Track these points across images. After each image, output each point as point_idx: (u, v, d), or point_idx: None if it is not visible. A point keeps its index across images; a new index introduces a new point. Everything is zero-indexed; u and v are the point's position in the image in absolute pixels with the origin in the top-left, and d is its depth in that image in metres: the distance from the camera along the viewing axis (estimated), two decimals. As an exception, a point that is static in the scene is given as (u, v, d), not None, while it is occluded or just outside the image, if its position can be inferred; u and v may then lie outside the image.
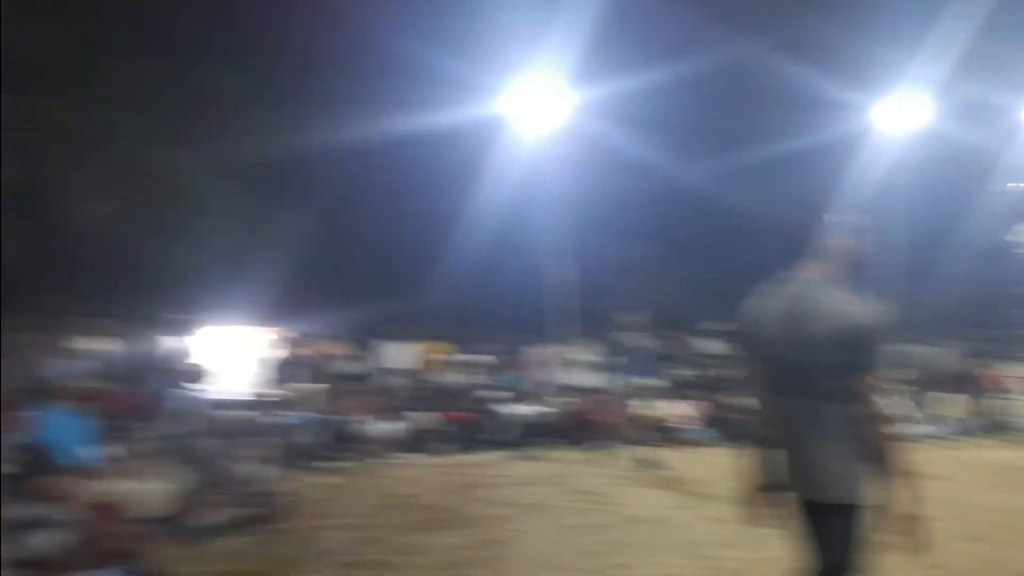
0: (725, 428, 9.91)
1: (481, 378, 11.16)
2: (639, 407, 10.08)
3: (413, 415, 9.09)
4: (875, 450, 2.28)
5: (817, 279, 2.38)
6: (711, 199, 15.44)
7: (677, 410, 10.41)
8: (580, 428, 9.63)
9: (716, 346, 12.63)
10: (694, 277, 16.15)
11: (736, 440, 10.16)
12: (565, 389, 10.80)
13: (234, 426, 6.82)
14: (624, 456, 8.50)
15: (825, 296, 2.32)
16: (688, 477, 7.43)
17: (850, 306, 2.29)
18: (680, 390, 11.06)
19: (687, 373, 12.03)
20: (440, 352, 11.93)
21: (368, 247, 14.44)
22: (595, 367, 11.54)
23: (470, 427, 9.38)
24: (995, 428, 11.40)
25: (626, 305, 11.63)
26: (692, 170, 14.60)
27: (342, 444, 8.17)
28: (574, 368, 11.51)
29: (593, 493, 6.77)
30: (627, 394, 10.36)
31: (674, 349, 12.59)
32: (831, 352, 2.26)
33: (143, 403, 7.23)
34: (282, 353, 10.68)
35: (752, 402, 2.53)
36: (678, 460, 8.33)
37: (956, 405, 11.66)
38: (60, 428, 5.14)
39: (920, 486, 2.27)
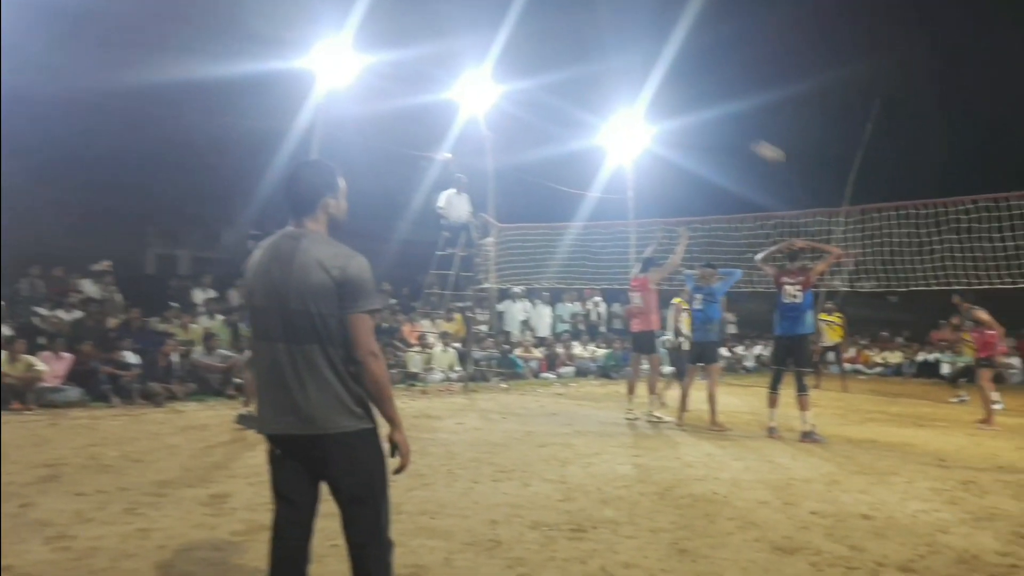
0: (94, 385, 9.23)
1: None
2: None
3: None
4: (370, 388, 2.70)
5: (304, 232, 2.75)
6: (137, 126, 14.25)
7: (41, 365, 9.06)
8: None
9: (98, 289, 11.42)
10: (88, 210, 14.56)
11: (107, 399, 9.56)
12: None
13: None
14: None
15: (314, 248, 2.70)
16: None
17: (338, 258, 2.68)
18: (48, 340, 9.54)
19: (60, 319, 10.51)
20: None
21: None
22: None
23: None
24: (406, 378, 12.93)
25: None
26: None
27: None
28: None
29: None
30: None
31: (52, 290, 10.84)
32: (320, 299, 2.63)
33: None
34: None
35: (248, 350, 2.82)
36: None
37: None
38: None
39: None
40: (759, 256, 9.27)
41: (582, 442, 7.88)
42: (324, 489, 2.85)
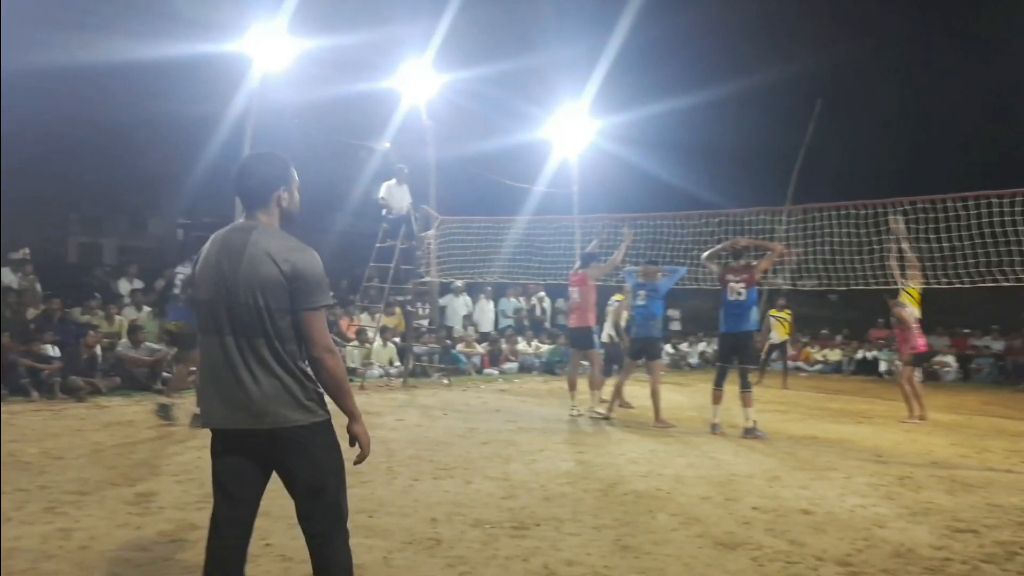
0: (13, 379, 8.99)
1: None
2: None
3: None
4: (327, 384, 2.73)
5: (256, 225, 2.74)
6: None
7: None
8: None
9: (17, 278, 11.02)
10: (6, 195, 14.03)
11: (26, 393, 9.22)
12: None
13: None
14: None
15: (264, 240, 2.68)
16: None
17: (288, 251, 2.67)
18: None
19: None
20: None
21: None
22: None
23: None
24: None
25: None
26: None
27: None
28: None
29: None
30: None
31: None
32: (269, 293, 2.62)
33: None
34: None
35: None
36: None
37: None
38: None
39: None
40: (705, 255, 9.43)
41: (525, 439, 7.89)
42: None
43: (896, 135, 25.56)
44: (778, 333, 15.12)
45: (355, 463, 2.88)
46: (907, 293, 10.28)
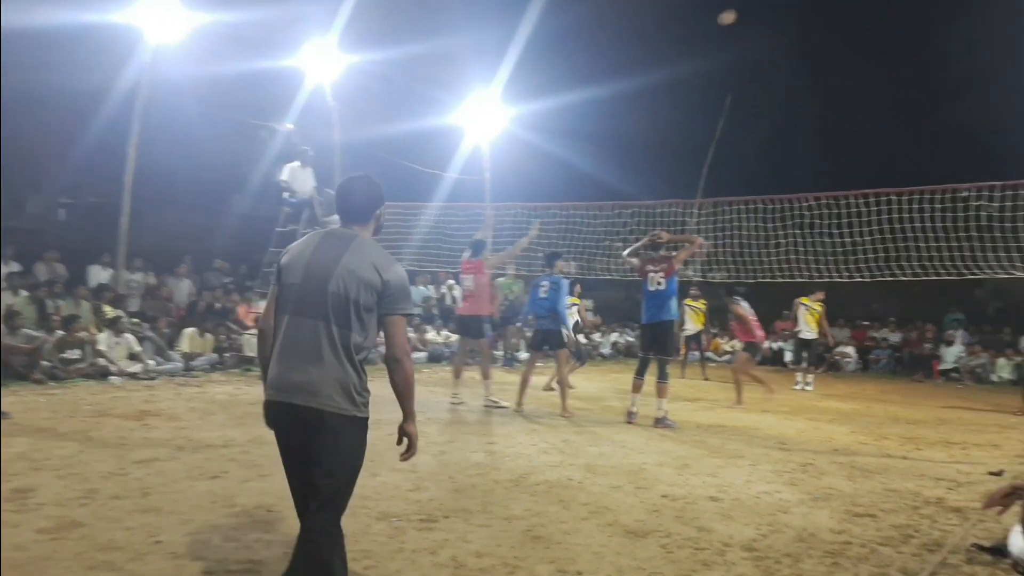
0: None
1: None
2: None
3: None
4: (400, 383, 3.08)
5: (356, 235, 3.14)
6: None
7: None
8: None
9: None
10: None
11: None
12: None
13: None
14: None
15: (368, 248, 3.09)
16: None
17: (388, 262, 3.07)
18: None
19: None
20: None
21: None
22: None
23: None
24: (241, 363, 12.42)
25: None
26: None
27: None
28: None
29: None
30: None
31: None
32: (363, 290, 2.97)
33: None
34: None
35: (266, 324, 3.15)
36: None
37: (203, 341, 12.19)
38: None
39: None
40: (626, 252, 9.64)
41: (434, 430, 7.86)
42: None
43: (802, 133, 26.65)
44: (693, 323, 15.52)
45: (402, 459, 3.22)
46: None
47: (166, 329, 12.19)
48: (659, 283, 8.89)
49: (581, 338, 11.20)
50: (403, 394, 3.11)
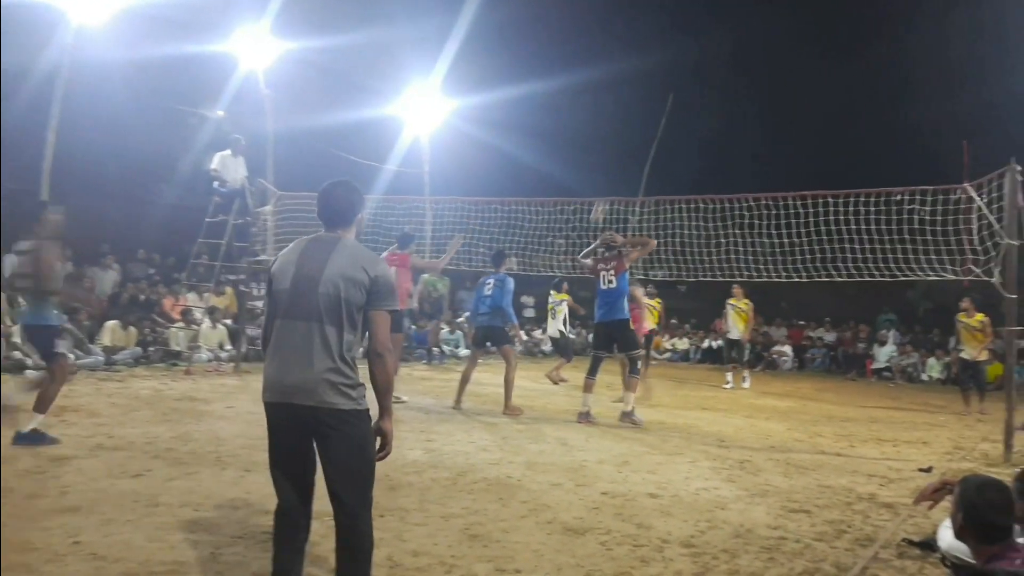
0: None
1: None
2: None
3: None
4: (380, 377, 3.20)
5: (340, 238, 3.31)
6: None
7: None
8: None
9: None
10: None
11: None
12: None
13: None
14: None
15: (355, 250, 3.27)
16: None
17: (374, 262, 3.26)
18: None
19: None
20: None
21: None
22: None
23: None
24: (167, 357, 12.10)
25: None
26: None
27: None
28: None
29: None
30: None
31: None
32: (352, 289, 3.15)
33: None
34: None
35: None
36: None
37: (126, 334, 11.86)
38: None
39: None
40: (581, 255, 9.77)
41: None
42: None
43: (743, 134, 27.19)
44: (648, 321, 15.64)
45: (377, 459, 3.24)
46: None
47: (87, 321, 11.79)
48: (610, 281, 8.99)
49: (572, 334, 11.36)
50: (382, 390, 3.23)
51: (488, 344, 9.89)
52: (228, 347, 13.26)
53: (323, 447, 3.16)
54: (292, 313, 3.18)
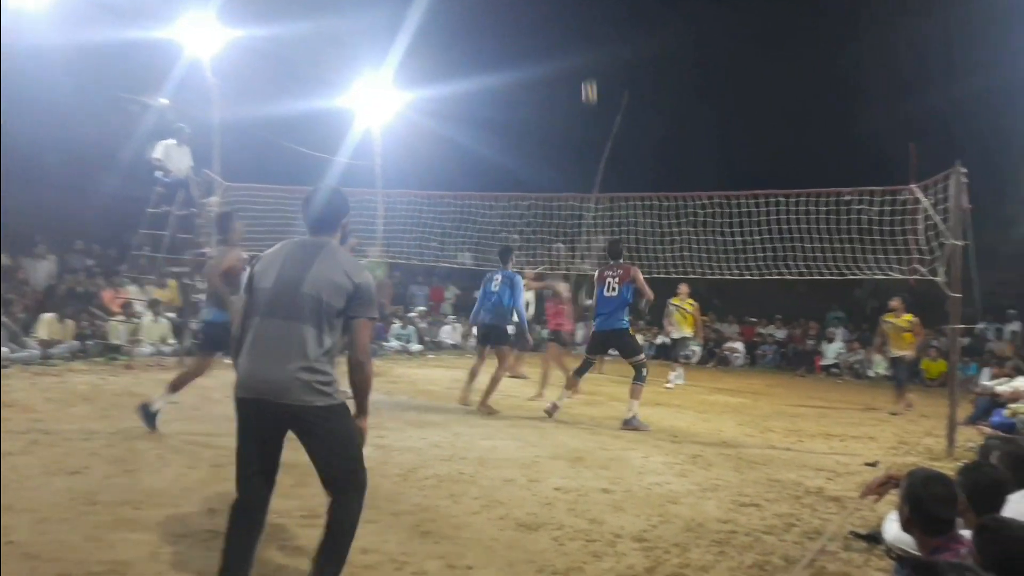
0: None
1: None
2: None
3: None
4: (359, 382, 3.36)
5: (326, 243, 3.42)
6: None
7: None
8: None
9: None
10: None
11: None
12: None
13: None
14: None
15: (340, 255, 3.38)
16: None
17: (358, 269, 3.36)
18: None
19: None
20: None
21: None
22: None
23: None
24: (106, 351, 11.83)
25: None
26: None
27: None
28: None
29: None
30: None
31: None
32: (334, 293, 3.24)
33: None
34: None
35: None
36: None
37: (63, 327, 11.57)
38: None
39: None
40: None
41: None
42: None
43: (697, 133, 27.52)
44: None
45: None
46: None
47: (21, 314, 11.45)
48: (613, 289, 8.87)
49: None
50: (361, 391, 3.40)
51: (488, 343, 9.67)
52: (172, 341, 13.00)
53: (308, 443, 3.27)
54: (272, 312, 3.25)
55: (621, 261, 9.22)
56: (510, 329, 9.67)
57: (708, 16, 25.82)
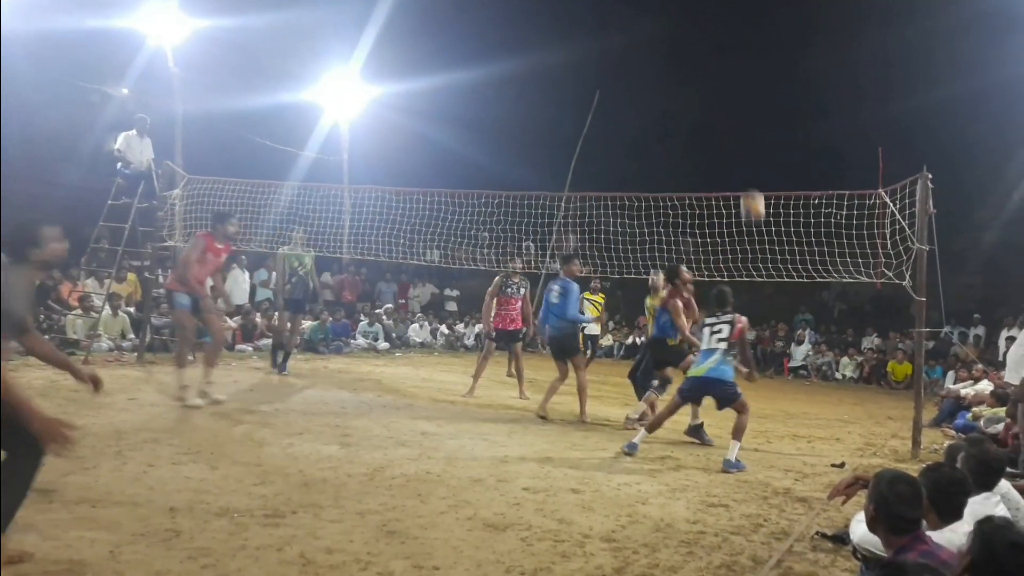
0: None
1: None
2: None
3: None
4: None
5: None
6: None
7: None
8: None
9: None
10: None
11: None
12: None
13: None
14: None
15: None
16: None
17: None
18: None
19: None
20: None
21: None
22: None
23: None
24: (64, 346, 11.62)
25: None
26: None
27: None
28: None
29: None
30: None
31: None
32: None
33: None
34: None
35: None
36: None
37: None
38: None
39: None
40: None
41: (283, 421, 7.60)
42: None
43: (669, 134, 27.73)
44: (592, 316, 15.69)
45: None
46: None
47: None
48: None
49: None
50: None
51: (563, 357, 9.55)
52: (131, 336, 12.80)
53: None
54: None
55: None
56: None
57: (681, 18, 26.05)
